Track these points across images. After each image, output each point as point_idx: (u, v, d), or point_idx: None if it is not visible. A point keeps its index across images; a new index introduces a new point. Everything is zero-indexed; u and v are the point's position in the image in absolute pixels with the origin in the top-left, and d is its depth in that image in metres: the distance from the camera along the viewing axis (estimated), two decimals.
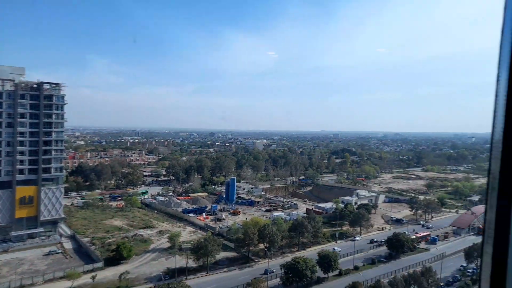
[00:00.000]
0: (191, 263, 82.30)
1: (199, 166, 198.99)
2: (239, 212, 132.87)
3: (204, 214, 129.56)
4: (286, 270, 74.10)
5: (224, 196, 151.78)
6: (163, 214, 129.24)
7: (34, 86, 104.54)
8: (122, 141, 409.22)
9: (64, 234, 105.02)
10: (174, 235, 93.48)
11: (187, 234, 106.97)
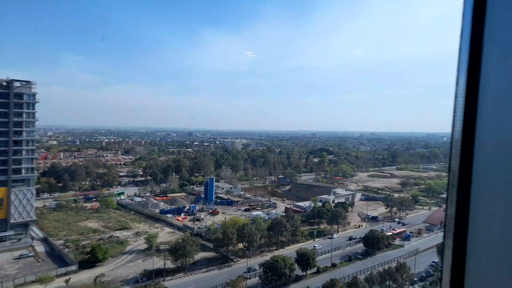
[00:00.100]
0: (169, 264, 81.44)
1: (177, 166, 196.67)
2: (218, 212, 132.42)
3: (182, 214, 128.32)
4: (265, 269, 74.53)
5: (202, 196, 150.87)
6: (140, 215, 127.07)
7: (3, 84, 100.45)
8: (97, 140, 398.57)
9: (36, 237, 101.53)
10: (151, 236, 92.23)
11: (165, 235, 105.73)
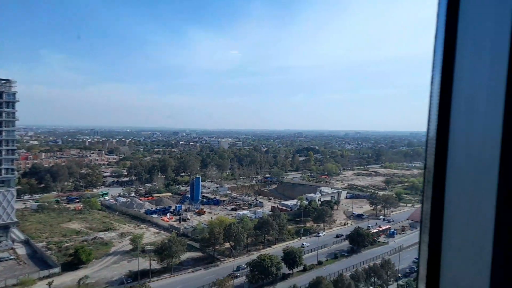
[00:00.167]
0: (155, 265, 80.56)
1: (163, 165, 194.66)
2: (204, 211, 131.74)
3: (168, 214, 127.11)
4: (251, 268, 74.56)
5: (189, 196, 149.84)
6: (125, 215, 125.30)
7: None
8: (80, 140, 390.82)
9: (17, 239, 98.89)
10: (136, 237, 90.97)
11: (151, 236, 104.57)
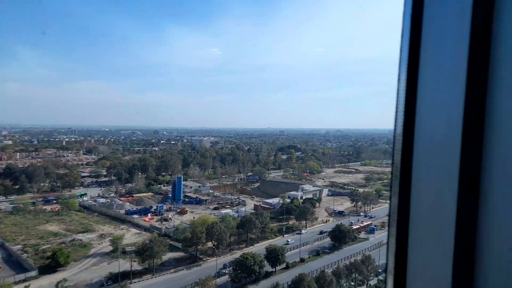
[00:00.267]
0: (136, 266, 79.21)
1: (143, 165, 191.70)
2: (186, 211, 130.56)
3: (149, 214, 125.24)
4: (234, 267, 74.41)
5: (170, 195, 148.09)
6: (105, 216, 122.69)
7: None
8: (57, 140, 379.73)
9: None
10: (116, 238, 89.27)
11: (131, 236, 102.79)
